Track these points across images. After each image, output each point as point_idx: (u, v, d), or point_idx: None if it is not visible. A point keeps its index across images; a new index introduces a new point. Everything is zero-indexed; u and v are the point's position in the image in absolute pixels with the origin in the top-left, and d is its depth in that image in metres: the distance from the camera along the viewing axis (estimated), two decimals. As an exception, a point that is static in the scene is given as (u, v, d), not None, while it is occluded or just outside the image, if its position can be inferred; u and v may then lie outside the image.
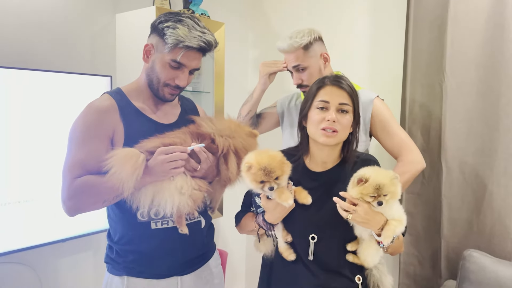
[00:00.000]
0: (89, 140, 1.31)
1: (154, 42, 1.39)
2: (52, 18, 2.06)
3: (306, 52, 1.83)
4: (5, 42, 1.90)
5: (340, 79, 1.39)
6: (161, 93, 1.42)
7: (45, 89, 1.87)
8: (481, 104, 2.07)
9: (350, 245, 1.37)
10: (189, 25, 1.35)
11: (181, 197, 1.29)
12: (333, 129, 1.34)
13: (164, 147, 1.28)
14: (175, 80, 1.40)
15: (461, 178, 2.13)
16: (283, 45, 1.84)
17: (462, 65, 2.09)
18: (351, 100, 1.37)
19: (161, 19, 1.38)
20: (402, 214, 1.31)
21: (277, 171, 1.26)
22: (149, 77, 1.42)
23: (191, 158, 1.34)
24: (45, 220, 1.90)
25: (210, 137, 1.40)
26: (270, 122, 2.08)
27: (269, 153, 1.30)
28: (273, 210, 1.34)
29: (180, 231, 1.39)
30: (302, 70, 1.85)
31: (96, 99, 1.41)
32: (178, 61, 1.36)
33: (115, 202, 1.32)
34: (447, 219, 2.17)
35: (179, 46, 1.34)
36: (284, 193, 1.29)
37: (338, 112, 1.36)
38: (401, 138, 1.79)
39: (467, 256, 2.00)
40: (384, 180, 1.24)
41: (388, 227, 1.27)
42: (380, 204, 1.24)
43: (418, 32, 2.21)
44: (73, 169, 1.29)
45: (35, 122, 1.84)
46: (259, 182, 1.27)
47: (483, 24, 2.04)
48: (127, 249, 1.41)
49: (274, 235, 1.41)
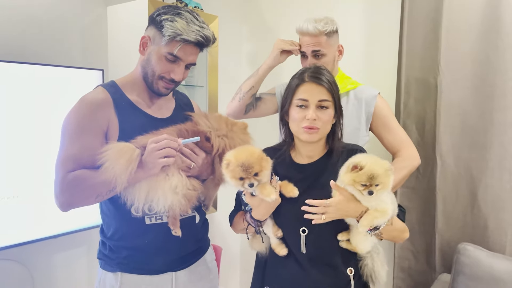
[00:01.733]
0: (83, 134, 1.29)
1: (151, 34, 1.37)
2: (43, 11, 2.03)
3: (328, 40, 1.81)
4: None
5: (319, 74, 1.38)
6: (156, 87, 1.40)
7: (36, 82, 1.84)
8: (476, 98, 2.07)
9: (340, 235, 1.36)
10: (187, 19, 1.33)
11: (174, 196, 1.27)
12: (314, 127, 1.34)
13: (155, 137, 1.26)
14: (171, 73, 1.38)
15: (455, 172, 2.14)
16: (309, 27, 1.79)
17: (456, 59, 2.09)
18: (331, 95, 1.36)
19: (160, 12, 1.36)
20: (388, 204, 1.28)
21: (255, 167, 1.24)
22: (144, 70, 1.40)
23: (185, 156, 1.32)
24: (36, 216, 1.88)
25: (206, 136, 1.39)
26: (269, 106, 1.99)
27: (248, 149, 1.28)
28: (258, 207, 1.34)
29: (173, 233, 1.37)
30: (319, 56, 1.82)
31: (89, 92, 1.38)
32: (174, 54, 1.34)
33: (108, 197, 1.30)
34: (441, 213, 2.17)
35: (176, 39, 1.32)
36: (266, 188, 1.28)
37: (318, 108, 1.35)
38: (400, 135, 1.82)
39: (462, 249, 2.00)
40: (379, 170, 1.22)
41: (366, 216, 1.26)
42: (370, 193, 1.22)
43: (412, 26, 2.20)
44: (66, 163, 1.27)
45: (25, 117, 1.82)
46: (239, 178, 1.25)
47: (478, 18, 2.03)
48: (120, 245, 1.39)
49: (262, 231, 1.40)
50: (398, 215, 1.37)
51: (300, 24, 1.82)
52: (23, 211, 1.84)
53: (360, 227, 1.26)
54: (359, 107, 1.83)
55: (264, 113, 2.00)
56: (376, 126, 1.85)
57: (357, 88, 1.87)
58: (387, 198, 1.29)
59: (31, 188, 1.86)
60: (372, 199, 1.25)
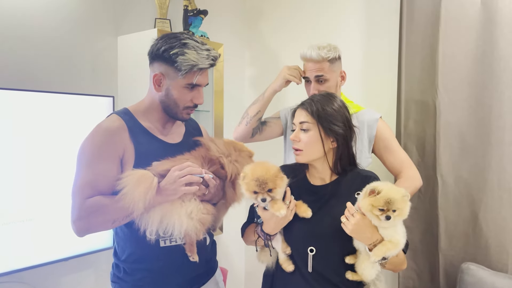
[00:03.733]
0: (100, 160, 1.32)
1: (163, 70, 1.39)
2: (55, 40, 2.11)
3: (331, 66, 1.87)
4: (6, 64, 1.93)
5: (309, 100, 1.47)
6: (180, 116, 1.46)
7: (48, 110, 1.89)
8: (473, 119, 2.12)
9: (348, 258, 1.39)
10: (194, 47, 1.37)
11: (189, 222, 1.30)
12: (297, 148, 1.44)
13: (178, 165, 1.30)
14: (193, 100, 1.43)
15: (456, 192, 2.17)
16: (312, 54, 1.85)
17: (454, 82, 2.15)
18: (312, 117, 1.43)
19: (164, 47, 1.37)
20: (401, 237, 1.31)
21: (269, 183, 1.30)
22: (165, 103, 1.43)
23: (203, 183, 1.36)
24: (45, 239, 1.91)
25: (219, 162, 1.43)
26: (274, 130, 2.06)
27: (265, 166, 1.34)
28: (269, 220, 1.38)
29: (191, 259, 1.40)
30: (322, 82, 1.87)
31: (104, 119, 1.43)
32: (195, 83, 1.39)
33: (125, 222, 1.33)
34: (444, 232, 2.19)
35: (194, 70, 1.37)
36: (277, 203, 1.33)
37: (301, 131, 1.44)
38: (402, 157, 1.87)
39: (465, 269, 2.03)
40: (396, 196, 1.25)
41: (380, 247, 1.28)
42: (388, 218, 1.24)
43: (410, 51, 2.28)
44: (84, 190, 1.30)
45: (38, 143, 1.86)
46: (253, 192, 1.31)
47: (473, 42, 2.10)
48: (135, 267, 1.42)
49: (271, 245, 1.44)
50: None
51: (304, 51, 1.89)
52: (32, 235, 1.87)
53: (373, 257, 1.28)
54: (362, 130, 1.88)
55: (270, 136, 2.07)
56: (378, 148, 1.91)
57: (359, 112, 1.94)
58: (400, 230, 1.32)
59: (44, 212, 1.89)
60: (389, 224, 1.27)
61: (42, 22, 2.05)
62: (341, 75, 1.94)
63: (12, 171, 1.79)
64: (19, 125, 1.81)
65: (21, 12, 1.97)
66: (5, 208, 1.78)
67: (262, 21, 3.10)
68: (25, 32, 2.00)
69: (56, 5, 2.09)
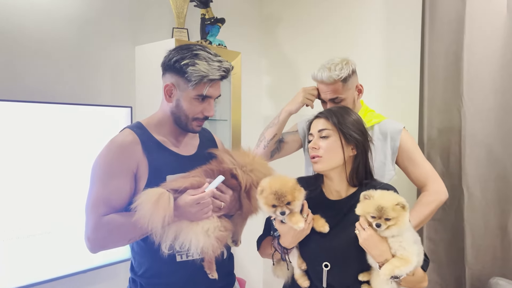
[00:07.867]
0: (113, 177, 1.31)
1: (174, 81, 1.38)
2: (72, 51, 2.12)
3: (344, 85, 1.81)
4: (24, 76, 1.95)
5: (327, 110, 1.46)
6: (190, 127, 1.44)
7: (67, 122, 1.90)
8: (500, 129, 2.06)
9: (362, 275, 1.35)
10: (206, 58, 1.36)
11: (206, 239, 1.28)
12: (316, 155, 1.40)
13: (192, 190, 1.30)
14: (203, 112, 1.41)
15: (483, 204, 2.10)
16: (322, 77, 1.80)
17: (479, 91, 2.09)
18: (332, 124, 1.41)
19: (175, 58, 1.36)
20: (411, 254, 1.25)
21: (288, 196, 1.28)
22: (175, 115, 1.42)
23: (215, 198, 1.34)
24: (64, 252, 1.91)
25: (232, 173, 1.40)
26: (293, 146, 2.01)
27: (282, 179, 1.32)
28: (286, 234, 1.36)
29: (210, 276, 1.39)
30: (338, 103, 1.83)
31: (118, 134, 1.41)
32: (204, 95, 1.38)
33: (140, 239, 1.32)
34: (470, 245, 2.12)
35: (204, 81, 1.35)
36: (295, 216, 1.31)
37: (320, 139, 1.42)
38: (427, 169, 1.81)
39: (493, 284, 1.95)
40: (386, 203, 1.23)
41: (387, 265, 1.24)
42: (378, 226, 1.23)
43: (433, 58, 2.23)
44: (98, 207, 1.29)
45: (55, 155, 1.87)
46: (271, 206, 1.29)
47: (499, 49, 2.05)
48: (153, 282, 1.40)
49: (288, 259, 1.41)
50: (422, 265, 1.34)
51: (315, 73, 1.84)
52: (54, 246, 1.87)
53: (381, 275, 1.25)
54: (385, 142, 1.83)
55: (289, 152, 2.04)
56: (402, 160, 1.84)
57: (381, 122, 1.88)
58: (410, 247, 1.26)
59: (62, 224, 1.89)
60: (393, 240, 1.24)
61: (60, 33, 2.06)
62: (357, 89, 1.88)
63: (32, 184, 1.80)
64: (39, 137, 1.81)
65: (39, 24, 1.99)
66: (23, 221, 1.78)
67: (279, 29, 3.08)
68: (43, 45, 2.01)
69: (74, 15, 2.11)
